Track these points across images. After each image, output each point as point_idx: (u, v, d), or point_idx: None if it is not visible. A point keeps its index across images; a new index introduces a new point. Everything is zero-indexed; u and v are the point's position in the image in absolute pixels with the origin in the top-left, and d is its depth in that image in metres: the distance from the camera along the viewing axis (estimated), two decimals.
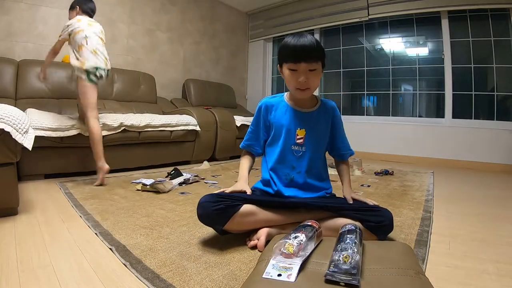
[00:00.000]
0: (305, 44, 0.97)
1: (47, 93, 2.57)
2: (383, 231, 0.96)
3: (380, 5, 3.57)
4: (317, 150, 1.12)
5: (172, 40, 3.85)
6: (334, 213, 1.02)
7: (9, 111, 1.19)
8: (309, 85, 1.01)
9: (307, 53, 0.97)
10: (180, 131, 2.65)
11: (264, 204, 1.02)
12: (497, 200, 1.80)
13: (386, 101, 3.82)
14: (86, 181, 1.94)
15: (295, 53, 0.98)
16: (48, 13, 2.76)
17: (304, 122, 1.10)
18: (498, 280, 0.82)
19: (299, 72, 0.99)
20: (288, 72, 1.02)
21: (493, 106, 3.13)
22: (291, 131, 1.10)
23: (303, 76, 0.99)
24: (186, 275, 0.79)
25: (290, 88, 1.06)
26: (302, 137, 1.09)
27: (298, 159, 1.10)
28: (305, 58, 0.97)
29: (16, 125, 1.18)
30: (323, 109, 1.14)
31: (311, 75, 1.00)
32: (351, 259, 0.62)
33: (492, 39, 3.06)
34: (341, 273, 0.60)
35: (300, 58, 0.97)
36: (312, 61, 0.98)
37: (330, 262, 0.64)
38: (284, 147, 1.10)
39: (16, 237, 1.03)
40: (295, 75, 1.00)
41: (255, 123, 1.18)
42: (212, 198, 0.97)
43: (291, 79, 1.02)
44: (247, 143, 1.21)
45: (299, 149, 1.10)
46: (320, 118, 1.12)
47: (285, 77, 1.05)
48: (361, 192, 1.84)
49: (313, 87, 1.04)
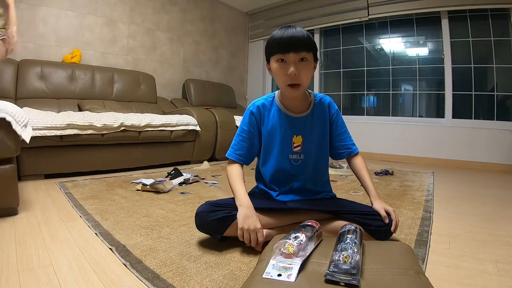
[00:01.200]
0: (293, 34, 0.90)
1: (47, 93, 2.57)
2: (384, 235, 0.95)
3: (380, 5, 3.57)
4: (317, 156, 1.06)
5: (172, 40, 3.85)
6: (334, 216, 1.00)
7: (9, 106, 1.22)
8: (300, 79, 0.92)
9: (295, 42, 0.89)
10: (180, 131, 2.66)
11: (263, 209, 1.00)
12: (497, 200, 1.80)
13: (386, 101, 3.82)
14: (86, 181, 1.94)
15: (282, 44, 0.90)
16: (48, 13, 2.76)
17: (299, 129, 1.03)
18: (498, 280, 0.81)
19: (288, 64, 0.91)
20: (276, 65, 0.93)
21: (493, 106, 3.13)
22: (287, 139, 1.03)
23: (292, 67, 0.90)
24: (186, 275, 0.79)
25: (280, 85, 0.97)
26: (299, 145, 1.04)
27: (297, 167, 1.05)
28: (294, 48, 0.89)
29: (16, 117, 1.21)
30: (318, 110, 1.06)
31: (301, 67, 0.91)
32: (351, 259, 0.62)
33: (492, 39, 3.06)
34: (341, 273, 0.60)
35: (288, 48, 0.90)
36: (301, 50, 0.90)
37: (330, 262, 0.64)
38: (281, 156, 1.04)
39: (16, 237, 1.03)
40: (284, 68, 0.92)
41: (247, 129, 1.06)
42: (209, 208, 0.96)
43: (280, 72, 0.93)
44: (238, 153, 1.06)
45: (298, 157, 1.04)
46: (316, 120, 1.05)
47: (274, 73, 0.96)
48: (361, 192, 1.84)
49: (305, 82, 0.95)
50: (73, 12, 2.92)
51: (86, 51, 3.04)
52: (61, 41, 2.86)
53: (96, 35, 3.12)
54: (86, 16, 3.02)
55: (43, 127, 1.89)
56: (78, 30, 2.97)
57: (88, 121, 2.06)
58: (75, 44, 2.95)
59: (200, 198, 1.59)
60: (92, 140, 2.12)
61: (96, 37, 3.12)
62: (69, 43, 2.91)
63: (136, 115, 2.40)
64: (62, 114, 2.08)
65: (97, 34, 3.12)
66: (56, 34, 2.83)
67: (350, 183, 2.13)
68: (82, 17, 2.99)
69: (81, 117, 2.07)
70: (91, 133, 2.09)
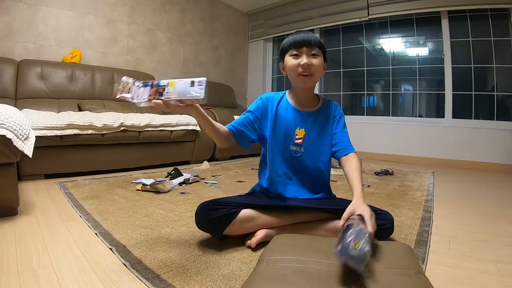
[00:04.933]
0: (306, 35, 1.01)
1: (47, 93, 2.57)
2: (383, 234, 0.95)
3: (380, 5, 3.57)
4: (317, 152, 1.09)
5: (172, 40, 3.85)
6: (334, 216, 1.01)
7: (11, 116, 1.17)
8: (312, 70, 1.00)
9: (308, 40, 1.00)
10: (180, 131, 2.65)
11: (262, 207, 1.01)
12: (497, 200, 1.80)
13: (386, 101, 3.82)
14: (86, 181, 1.94)
15: (296, 41, 1.01)
16: (48, 13, 2.76)
17: (304, 122, 1.08)
18: (498, 280, 0.81)
19: (301, 55, 1.00)
20: (290, 59, 1.02)
21: (493, 106, 3.13)
22: (291, 131, 1.08)
23: (305, 58, 0.99)
24: (186, 275, 0.79)
25: (293, 77, 1.04)
26: (301, 137, 1.07)
27: (297, 159, 1.08)
28: (307, 44, 1.00)
29: (17, 131, 1.17)
30: (325, 109, 1.11)
31: (313, 59, 1.00)
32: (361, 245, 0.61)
33: (492, 39, 3.05)
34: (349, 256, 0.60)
35: (302, 44, 1.00)
36: (313, 46, 1.00)
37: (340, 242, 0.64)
38: (283, 147, 1.08)
39: (16, 237, 1.03)
40: (297, 60, 1.01)
41: (252, 112, 1.09)
42: (209, 206, 0.96)
43: (293, 64, 1.01)
44: (233, 124, 1.06)
45: (298, 149, 1.08)
46: (322, 118, 1.10)
47: (287, 68, 1.04)
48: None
49: (316, 74, 1.02)
50: (73, 12, 2.92)
51: (86, 51, 3.03)
52: (61, 41, 2.86)
53: (96, 35, 3.12)
54: (86, 16, 3.02)
55: (43, 127, 1.89)
56: (78, 30, 2.97)
57: (88, 121, 2.06)
58: (75, 44, 2.95)
59: (200, 198, 1.59)
60: (92, 140, 2.12)
61: (96, 37, 3.12)
62: (69, 43, 2.91)
63: (136, 115, 2.40)
64: (62, 114, 2.08)
65: (97, 34, 3.12)
66: (56, 34, 2.83)
67: None
68: (82, 17, 2.99)
69: (81, 117, 2.07)
70: (91, 133, 2.09)
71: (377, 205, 1.37)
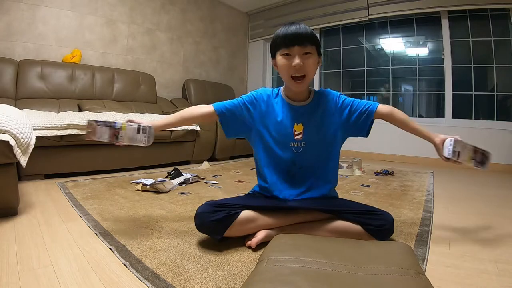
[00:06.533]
0: (297, 30, 0.94)
1: (47, 93, 2.57)
2: (383, 234, 0.95)
3: (380, 5, 3.57)
4: (319, 145, 1.06)
5: (172, 40, 3.85)
6: (334, 216, 1.01)
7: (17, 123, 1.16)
8: (305, 70, 0.96)
9: (299, 36, 0.93)
10: (180, 131, 2.65)
11: (263, 208, 1.00)
12: (497, 200, 1.80)
13: (386, 101, 3.81)
14: (86, 181, 1.94)
15: (287, 38, 0.94)
16: (48, 13, 2.76)
17: (300, 116, 1.05)
18: (498, 280, 0.81)
19: (293, 56, 0.95)
20: (282, 59, 0.97)
21: (493, 106, 3.13)
22: (288, 128, 1.05)
23: (297, 59, 0.94)
24: (186, 275, 0.79)
25: (285, 78, 1.01)
26: (300, 132, 1.05)
27: (299, 155, 1.05)
28: (298, 42, 0.93)
29: (20, 140, 1.17)
30: (321, 99, 1.07)
31: (306, 59, 0.95)
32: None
33: (492, 39, 3.06)
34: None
35: (293, 42, 0.94)
36: (306, 44, 0.94)
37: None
38: (283, 145, 1.05)
39: (16, 237, 1.03)
40: (289, 60, 0.96)
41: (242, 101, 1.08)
42: (209, 208, 0.96)
43: (285, 65, 0.96)
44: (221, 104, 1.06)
45: (299, 145, 1.05)
46: (319, 109, 1.06)
47: (279, 67, 1.00)
48: (361, 192, 1.84)
49: (309, 74, 0.98)
50: (73, 12, 2.92)
51: (86, 51, 3.03)
52: (61, 41, 2.86)
53: (96, 35, 3.12)
54: (86, 16, 3.02)
55: (43, 127, 1.89)
56: (78, 30, 2.97)
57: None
58: (75, 44, 2.95)
59: (200, 198, 1.59)
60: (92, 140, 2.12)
61: (96, 37, 3.12)
62: (69, 43, 2.91)
63: (136, 115, 2.40)
64: (62, 114, 2.08)
65: (97, 34, 3.12)
66: (56, 34, 2.83)
67: (350, 183, 2.13)
68: (82, 17, 2.99)
69: (81, 117, 2.06)
70: None
71: (377, 205, 1.38)
